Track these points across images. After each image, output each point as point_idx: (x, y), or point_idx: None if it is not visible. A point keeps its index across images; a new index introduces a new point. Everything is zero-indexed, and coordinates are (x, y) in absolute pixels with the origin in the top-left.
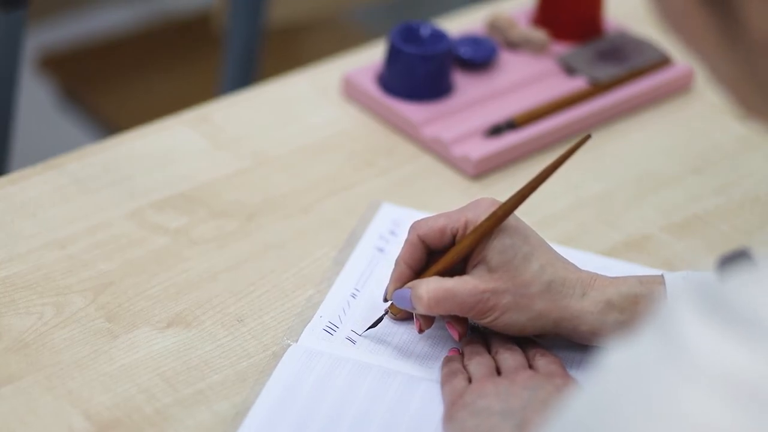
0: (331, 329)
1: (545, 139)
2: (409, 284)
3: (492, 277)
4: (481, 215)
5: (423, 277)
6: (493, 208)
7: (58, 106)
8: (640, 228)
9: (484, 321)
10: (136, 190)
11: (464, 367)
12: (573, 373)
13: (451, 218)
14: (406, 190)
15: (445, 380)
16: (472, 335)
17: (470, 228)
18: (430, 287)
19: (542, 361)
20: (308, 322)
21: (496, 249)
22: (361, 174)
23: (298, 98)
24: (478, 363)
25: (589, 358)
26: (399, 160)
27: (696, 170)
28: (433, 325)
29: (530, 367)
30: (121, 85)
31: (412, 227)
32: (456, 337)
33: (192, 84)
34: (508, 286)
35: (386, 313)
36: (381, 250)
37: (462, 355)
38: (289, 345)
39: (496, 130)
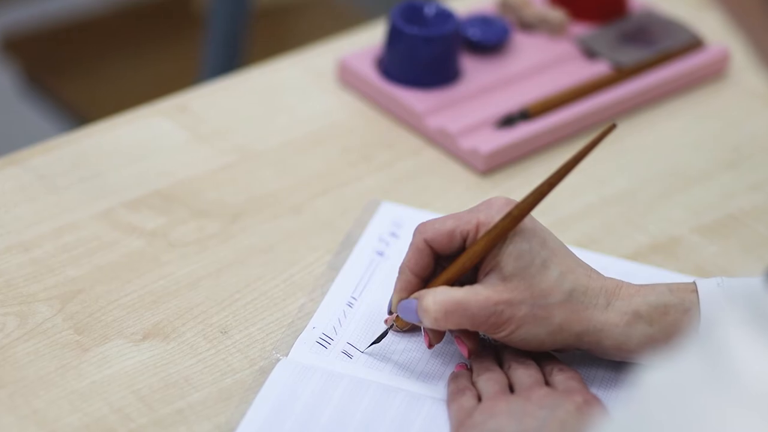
0: (325, 342)
1: (563, 130)
2: (416, 294)
3: (507, 286)
4: (495, 216)
5: (431, 287)
6: (507, 209)
7: (20, 93)
8: (669, 229)
9: (499, 335)
10: (108, 188)
11: (473, 383)
12: (595, 391)
13: (461, 220)
14: (408, 187)
15: (452, 398)
16: (482, 349)
17: (482, 231)
18: (438, 299)
19: (560, 377)
20: (299, 334)
21: (512, 255)
22: (358, 170)
23: (288, 85)
24: (489, 379)
25: (614, 374)
26: (400, 155)
27: (730, 165)
28: (442, 339)
29: (547, 383)
30: (91, 70)
31: (418, 230)
32: (465, 353)
33: (169, 69)
34: (524, 297)
35: (391, 326)
36: (380, 253)
37: (470, 370)
38: (279, 359)
39: (508, 121)
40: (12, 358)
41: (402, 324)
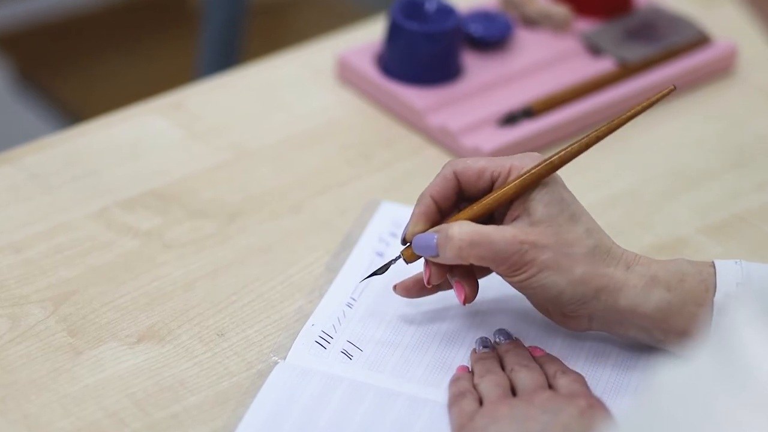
0: (324, 341)
1: (567, 128)
2: (435, 228)
3: (534, 230)
4: (529, 164)
5: (452, 221)
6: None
7: (13, 91)
8: (674, 230)
9: (518, 278)
10: (102, 187)
11: (474, 387)
12: (599, 395)
13: (493, 162)
14: (409, 186)
15: (453, 402)
16: (484, 351)
17: (514, 174)
18: (465, 229)
19: (564, 380)
20: (297, 335)
21: (542, 201)
22: (357, 168)
23: (286, 83)
24: (491, 382)
25: (619, 377)
26: (400, 153)
27: (737, 163)
28: (439, 342)
29: (550, 386)
30: (85, 67)
31: (449, 163)
32: (462, 299)
33: (165, 66)
34: (549, 242)
35: (397, 258)
36: (380, 254)
37: (472, 373)
38: (276, 362)
39: (510, 119)
40: (3, 362)
41: (410, 256)
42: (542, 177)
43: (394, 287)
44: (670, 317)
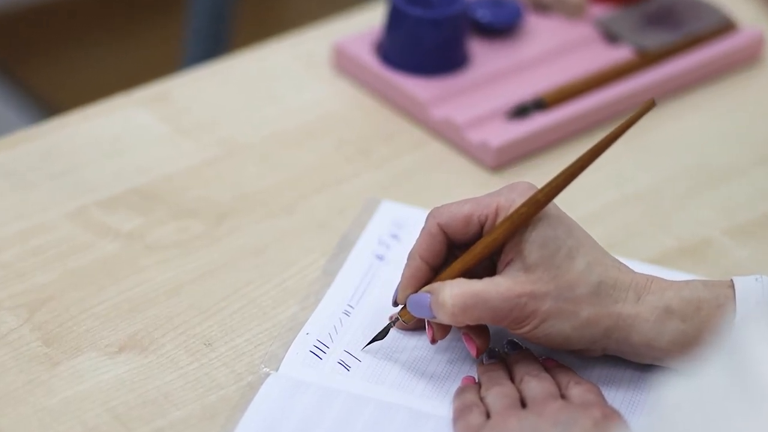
0: (319, 350)
1: (581, 121)
2: (428, 288)
3: (530, 277)
4: (517, 200)
5: (443, 277)
6: (531, 193)
7: None
8: (697, 231)
9: (521, 331)
10: (81, 186)
11: (481, 399)
12: (616, 406)
13: (479, 204)
14: (411, 184)
15: (459, 415)
16: (490, 361)
17: (502, 215)
18: (456, 291)
19: (577, 390)
20: (291, 345)
21: (535, 242)
22: (355, 165)
23: (278, 73)
24: (498, 393)
25: (635, 389)
26: (401, 149)
27: (765, 159)
28: (443, 352)
29: (562, 397)
30: (62, 56)
31: (431, 214)
32: (474, 352)
33: (148, 55)
34: (549, 289)
35: (394, 321)
36: (380, 257)
37: (478, 384)
38: (268, 374)
39: (521, 111)
40: None
41: (409, 318)
42: (531, 216)
43: (394, 322)
44: (686, 348)
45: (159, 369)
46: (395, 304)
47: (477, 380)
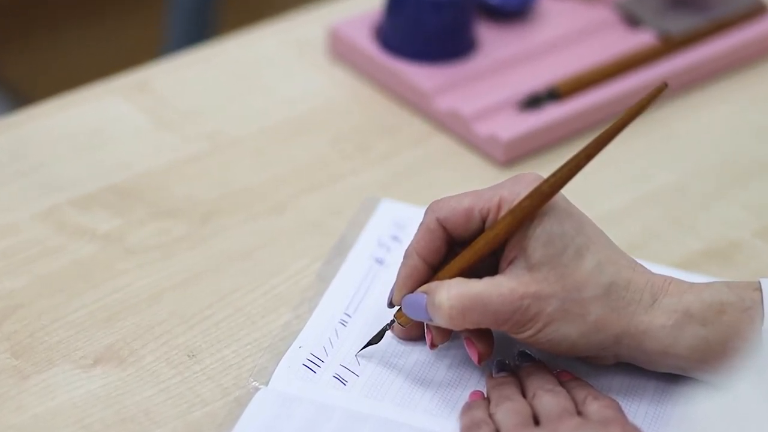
0: (313, 364)
1: (598, 113)
2: (424, 288)
3: (534, 277)
4: (521, 193)
5: (441, 276)
6: (537, 185)
7: None
8: (725, 232)
9: (523, 335)
10: (53, 183)
11: (490, 416)
12: (638, 423)
13: (481, 197)
14: (413, 182)
15: None
16: (500, 374)
17: (505, 209)
18: (453, 293)
19: (594, 406)
20: (282, 357)
21: (540, 239)
22: (353, 161)
23: (269, 60)
24: (509, 410)
25: (659, 404)
26: (403, 143)
27: None
28: (449, 365)
29: (578, 413)
30: (34, 42)
31: (430, 208)
32: (476, 358)
33: (127, 41)
34: (555, 290)
35: (391, 323)
36: (380, 261)
37: (487, 400)
38: (258, 389)
39: (533, 102)
40: None
41: (405, 321)
42: (536, 209)
43: (390, 325)
44: (709, 356)
45: (138, 383)
46: (391, 305)
47: (486, 395)
